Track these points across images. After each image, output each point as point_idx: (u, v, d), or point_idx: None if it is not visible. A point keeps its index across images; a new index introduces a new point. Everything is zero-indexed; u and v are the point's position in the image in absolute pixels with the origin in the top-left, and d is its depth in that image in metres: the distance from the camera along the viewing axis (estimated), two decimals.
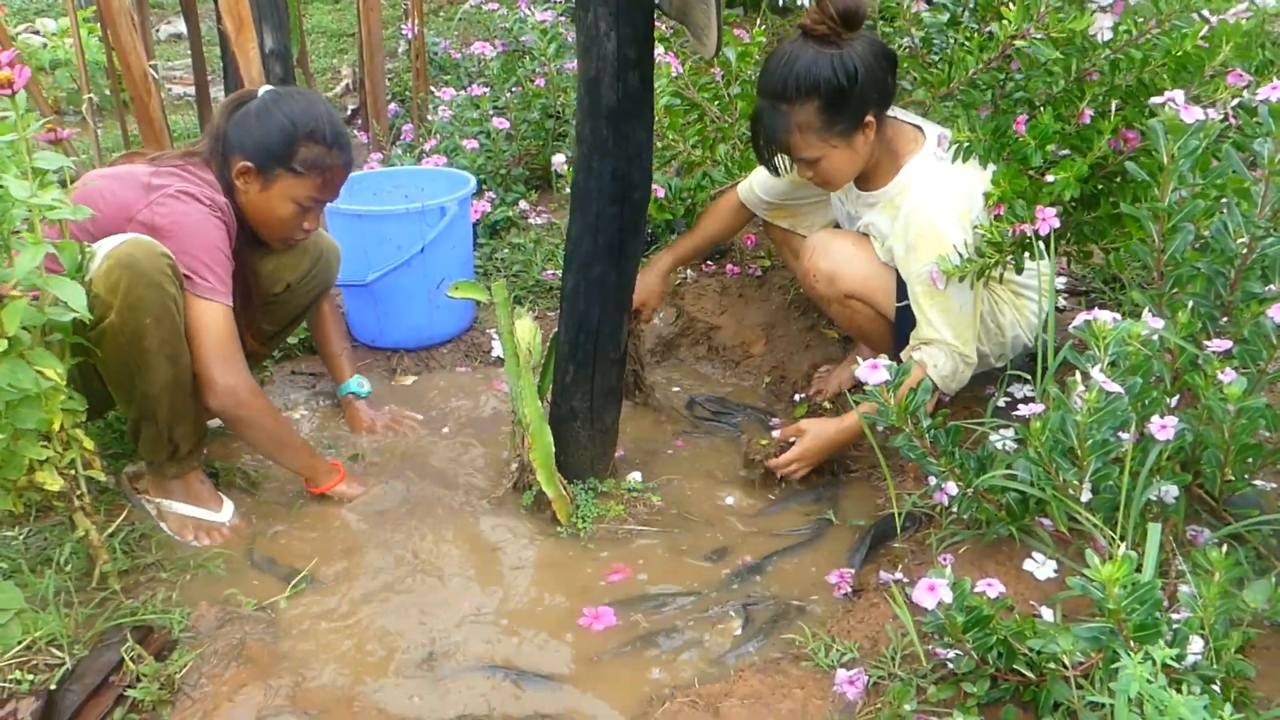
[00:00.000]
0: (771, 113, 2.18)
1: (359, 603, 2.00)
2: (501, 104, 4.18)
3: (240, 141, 2.16)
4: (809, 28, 2.14)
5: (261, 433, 2.20)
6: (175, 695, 1.74)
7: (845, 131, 2.17)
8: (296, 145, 2.16)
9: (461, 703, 1.75)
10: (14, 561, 1.98)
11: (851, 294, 2.34)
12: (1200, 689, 1.33)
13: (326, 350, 2.70)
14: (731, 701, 1.65)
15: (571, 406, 2.24)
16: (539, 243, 3.61)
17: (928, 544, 1.98)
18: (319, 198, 2.24)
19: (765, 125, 2.21)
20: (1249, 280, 1.68)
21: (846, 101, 2.13)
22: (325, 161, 2.20)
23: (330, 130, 2.20)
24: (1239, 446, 1.65)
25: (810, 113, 2.14)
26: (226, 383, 2.08)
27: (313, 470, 2.30)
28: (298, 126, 2.16)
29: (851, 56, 2.11)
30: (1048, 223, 1.95)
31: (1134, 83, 1.98)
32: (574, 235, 2.10)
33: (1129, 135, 2.00)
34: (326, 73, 6.08)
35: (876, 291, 2.32)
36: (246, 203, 2.20)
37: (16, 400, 1.68)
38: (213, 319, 2.07)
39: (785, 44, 2.18)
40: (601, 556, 2.14)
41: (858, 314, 2.38)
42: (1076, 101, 2.02)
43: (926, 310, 2.21)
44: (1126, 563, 1.31)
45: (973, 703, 1.53)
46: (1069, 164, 1.93)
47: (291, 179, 2.18)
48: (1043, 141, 1.97)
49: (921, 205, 2.17)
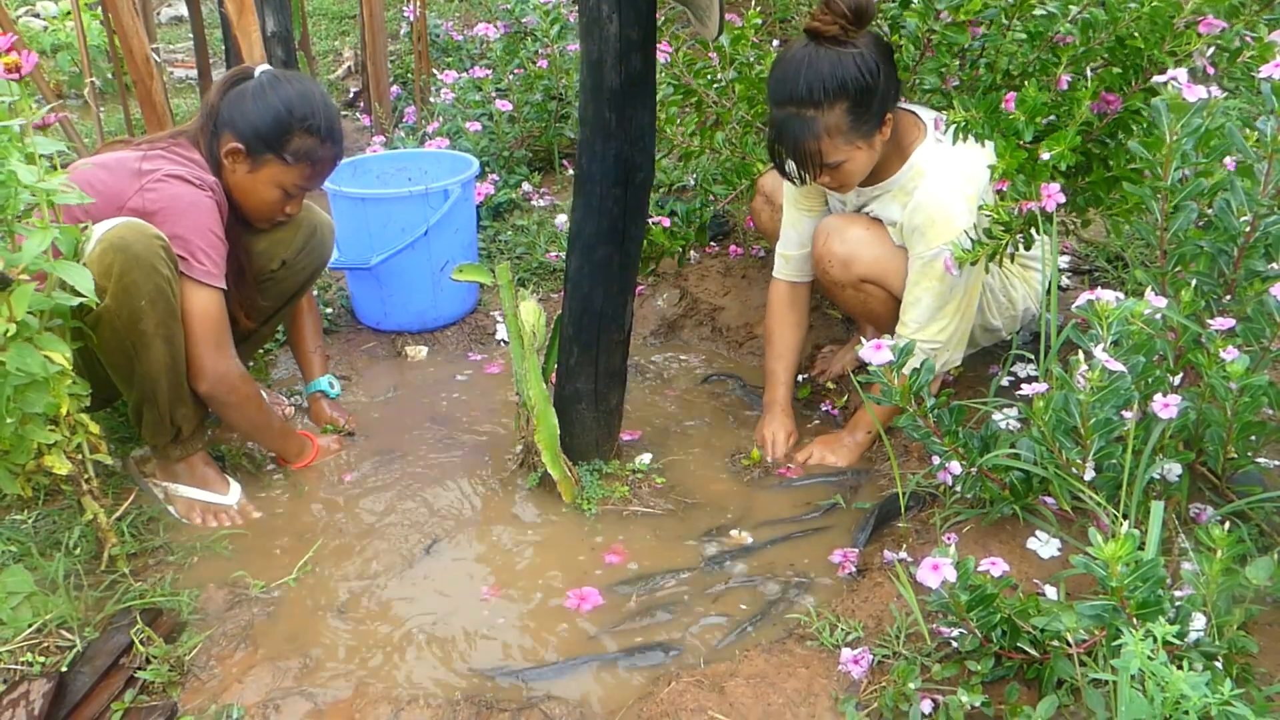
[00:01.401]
0: (796, 121, 2.10)
1: (365, 583, 2.02)
2: (504, 86, 4.17)
3: (233, 120, 2.16)
4: (819, 29, 2.07)
5: (245, 419, 2.25)
6: (185, 677, 1.75)
7: (869, 132, 2.13)
8: (290, 134, 2.16)
9: (466, 683, 1.76)
10: (24, 545, 1.99)
11: (866, 278, 2.33)
12: (1202, 665, 1.34)
13: (301, 347, 2.69)
14: (737, 681, 1.67)
15: (576, 388, 2.24)
16: (542, 225, 3.61)
17: (932, 523, 1.99)
18: (305, 186, 2.25)
19: (790, 134, 2.13)
20: (1252, 258, 1.68)
21: (872, 100, 2.09)
22: (316, 153, 2.20)
23: (325, 122, 2.20)
24: (1242, 424, 1.65)
25: (839, 115, 2.08)
26: (218, 369, 2.11)
27: (286, 450, 2.40)
28: (293, 115, 2.16)
29: (869, 53, 2.07)
30: (1053, 199, 1.94)
31: (1110, 41, 1.96)
32: (577, 217, 2.10)
33: (1110, 98, 1.99)
34: (328, 55, 6.07)
35: (890, 273, 2.31)
36: (233, 183, 2.21)
37: (24, 384, 1.69)
38: (205, 304, 2.08)
39: (794, 49, 2.11)
40: (604, 537, 2.15)
41: (871, 298, 2.37)
42: (1054, 69, 2.02)
43: (920, 295, 2.21)
44: (1129, 541, 1.31)
45: (977, 680, 1.54)
46: (1061, 135, 1.92)
47: (280, 166, 2.18)
48: (1032, 115, 1.96)
49: (934, 190, 2.16)
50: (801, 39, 2.11)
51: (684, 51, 2.83)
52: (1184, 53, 1.84)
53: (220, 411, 2.21)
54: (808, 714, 1.59)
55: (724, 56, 2.82)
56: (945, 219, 2.12)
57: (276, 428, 2.35)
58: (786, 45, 2.19)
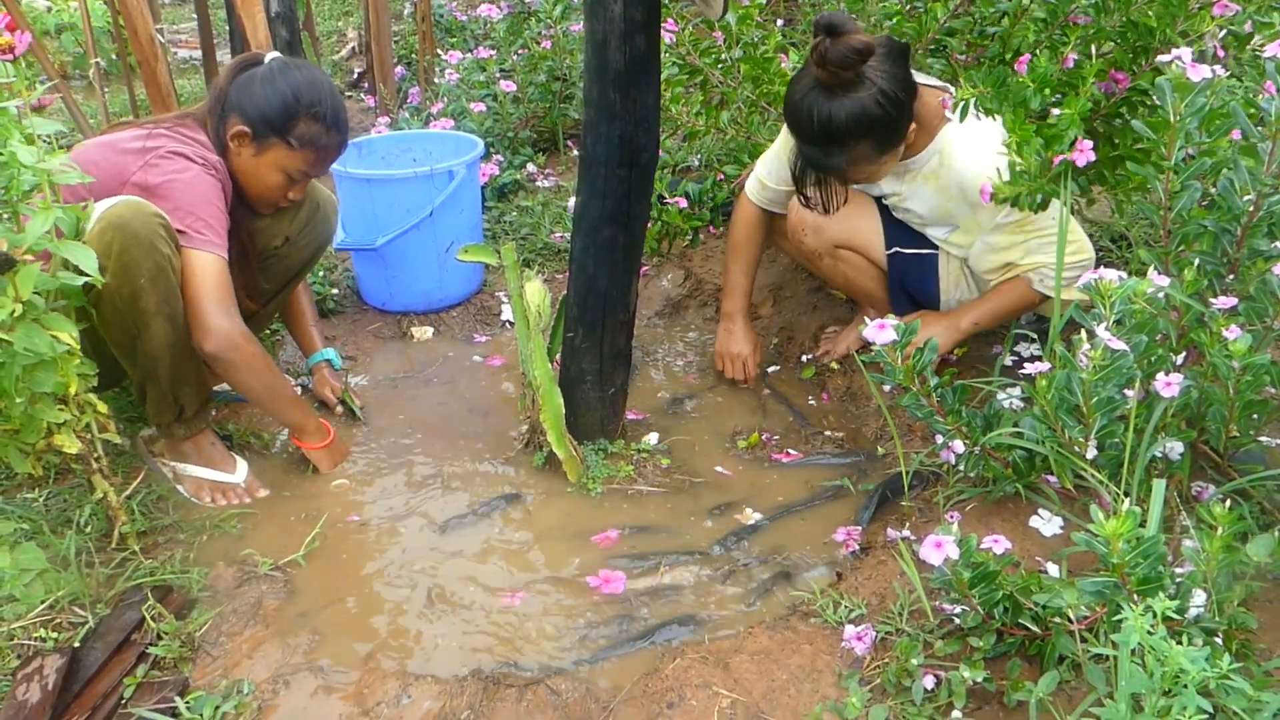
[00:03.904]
0: (821, 156, 2.13)
1: (372, 561, 2.04)
2: (508, 67, 4.17)
3: (241, 104, 2.17)
4: (831, 84, 2.04)
5: (255, 379, 2.16)
6: (196, 652, 1.77)
7: (896, 145, 2.15)
8: (296, 119, 2.17)
9: (474, 660, 1.78)
10: (35, 523, 2.01)
11: (840, 243, 2.33)
12: (1202, 641, 1.35)
13: (300, 324, 2.71)
14: (741, 657, 1.68)
15: (581, 368, 2.25)
16: (547, 206, 3.61)
17: (935, 502, 2.00)
18: (308, 172, 2.26)
19: (816, 165, 2.15)
20: (1255, 237, 1.68)
21: (898, 125, 2.10)
22: (322, 140, 2.21)
23: (331, 110, 2.21)
24: (1244, 403, 1.66)
25: (865, 148, 2.10)
26: (220, 325, 2.05)
27: (303, 426, 2.30)
28: (300, 101, 2.16)
29: (886, 84, 2.04)
30: (1085, 154, 1.91)
31: (1123, 23, 1.96)
32: (582, 199, 2.11)
33: (1119, 76, 1.99)
34: (332, 36, 6.06)
35: (862, 234, 2.30)
36: (237, 166, 2.21)
37: (33, 364, 1.70)
38: (205, 266, 2.05)
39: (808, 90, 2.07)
40: (610, 516, 2.16)
41: (849, 264, 2.37)
42: (1063, 49, 2.02)
43: (1040, 242, 2.17)
44: (1131, 518, 1.32)
45: (979, 656, 1.55)
46: (1071, 100, 1.91)
47: (285, 151, 2.19)
48: (1042, 84, 1.96)
49: (969, 164, 2.15)
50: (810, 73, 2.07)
51: (689, 31, 2.83)
52: (1196, 33, 1.84)
53: (229, 374, 2.15)
54: (811, 690, 1.61)
55: (730, 36, 2.81)
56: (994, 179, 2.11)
57: (291, 396, 2.30)
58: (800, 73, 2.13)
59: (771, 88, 2.80)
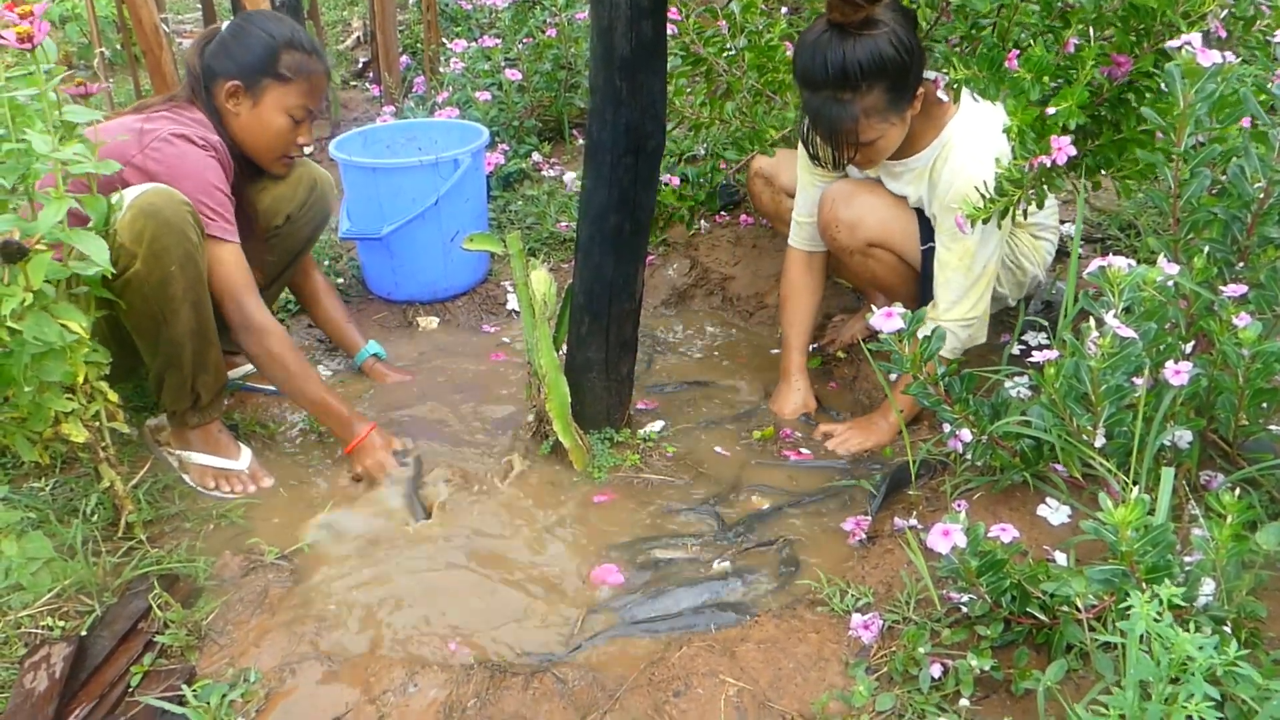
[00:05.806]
0: (832, 105, 2.07)
1: (378, 550, 2.03)
2: (513, 55, 4.16)
3: (222, 67, 2.22)
4: (843, 22, 2.02)
5: (297, 366, 2.19)
6: (202, 641, 1.78)
7: (904, 107, 2.11)
8: (279, 53, 2.22)
9: (477, 648, 1.78)
10: (42, 512, 2.01)
11: (873, 241, 2.32)
12: (1211, 629, 1.35)
13: (335, 325, 2.74)
14: (748, 645, 1.68)
15: (587, 357, 2.25)
16: (552, 194, 3.61)
17: (942, 491, 2.00)
18: (307, 105, 2.29)
19: (826, 118, 2.10)
20: (1266, 225, 1.67)
21: (909, 76, 2.07)
22: (309, 66, 2.26)
23: (305, 38, 2.28)
24: (1253, 391, 1.65)
25: (877, 95, 2.05)
26: (257, 316, 2.15)
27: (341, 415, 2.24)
28: (275, 37, 2.22)
29: (899, 29, 2.03)
30: (1064, 151, 1.90)
31: (1123, 7, 1.94)
32: (588, 187, 2.10)
33: (1120, 60, 1.97)
34: (337, 25, 6.06)
35: (897, 234, 2.29)
36: (239, 126, 2.25)
37: (42, 353, 1.70)
38: (228, 257, 2.13)
39: (821, 33, 2.06)
40: (616, 505, 2.16)
41: (880, 263, 2.36)
42: (1063, 35, 2.00)
43: (950, 276, 2.19)
44: (1139, 506, 1.32)
45: (986, 645, 1.55)
46: (1068, 92, 1.90)
47: (280, 87, 2.24)
48: (1039, 74, 1.94)
49: (966, 166, 2.13)
50: (822, 22, 2.07)
51: (693, 19, 2.81)
52: (1198, 14, 1.82)
53: (266, 365, 2.18)
54: (818, 678, 1.61)
55: (734, 25, 2.80)
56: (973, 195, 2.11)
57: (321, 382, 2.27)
58: (809, 27, 2.13)
59: (776, 76, 2.78)
